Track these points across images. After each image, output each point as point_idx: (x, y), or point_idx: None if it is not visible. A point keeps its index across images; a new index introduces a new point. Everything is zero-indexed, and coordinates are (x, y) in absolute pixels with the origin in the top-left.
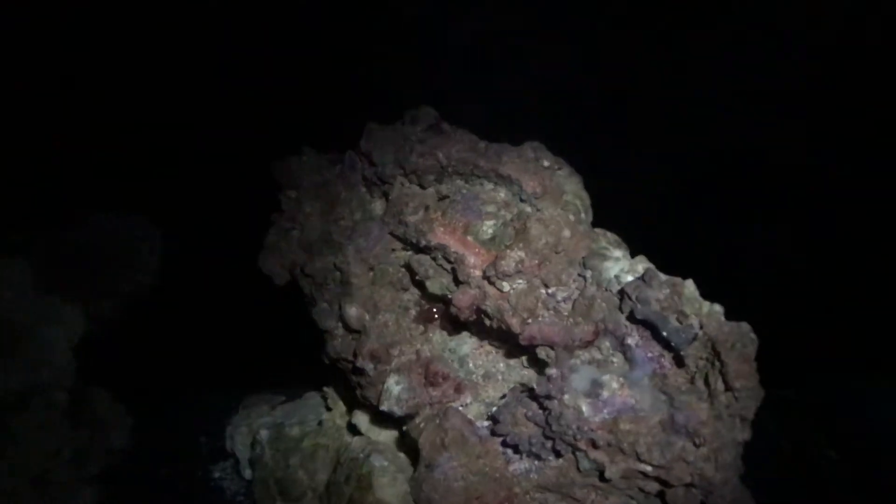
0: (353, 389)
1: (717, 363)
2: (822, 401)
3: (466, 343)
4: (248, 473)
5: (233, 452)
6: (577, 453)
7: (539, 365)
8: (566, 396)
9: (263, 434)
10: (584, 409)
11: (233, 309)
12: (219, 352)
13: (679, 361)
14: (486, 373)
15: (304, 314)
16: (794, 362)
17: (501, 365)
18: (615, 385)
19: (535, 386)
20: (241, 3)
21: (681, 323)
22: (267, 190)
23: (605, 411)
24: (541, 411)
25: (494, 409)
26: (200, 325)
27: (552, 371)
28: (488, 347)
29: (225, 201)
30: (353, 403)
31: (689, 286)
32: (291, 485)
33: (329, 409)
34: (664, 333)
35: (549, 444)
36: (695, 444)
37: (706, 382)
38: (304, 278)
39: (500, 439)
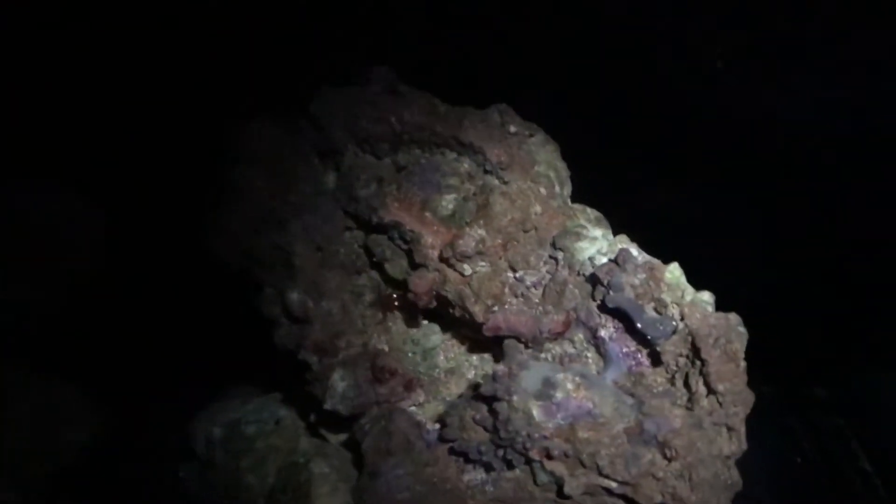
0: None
1: (697, 361)
2: (858, 402)
3: (435, 334)
4: (206, 475)
5: (197, 452)
6: (533, 464)
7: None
8: (515, 398)
9: (217, 432)
10: (535, 412)
11: (202, 291)
12: (197, 340)
13: (656, 358)
14: (453, 368)
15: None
16: (827, 357)
17: (474, 358)
18: (569, 385)
19: (481, 387)
20: None
21: (658, 313)
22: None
23: (560, 416)
24: (489, 415)
25: (444, 410)
26: (167, 312)
27: (499, 368)
28: (460, 339)
29: (171, 173)
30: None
31: (673, 270)
32: (241, 490)
33: (294, 406)
34: (638, 325)
35: (500, 452)
36: (666, 457)
37: (686, 384)
38: (251, 262)
39: (449, 446)
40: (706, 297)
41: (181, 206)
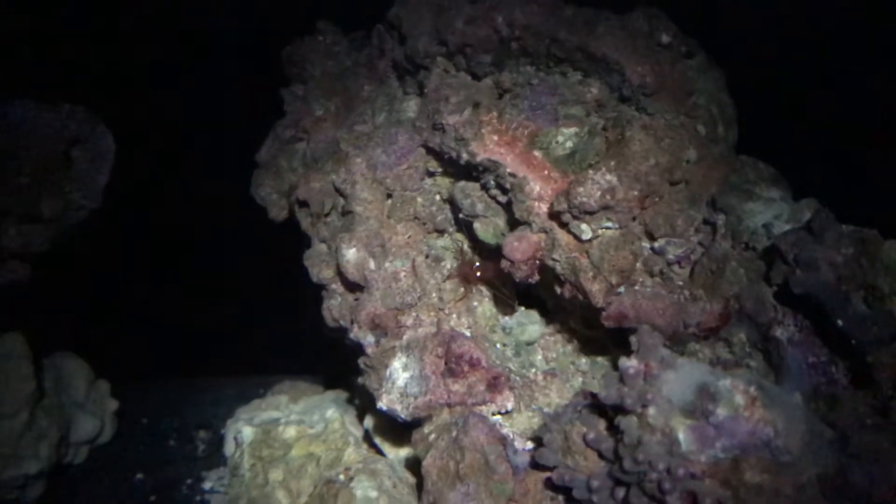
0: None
1: None
2: None
3: (536, 323)
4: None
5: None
6: None
7: None
8: (651, 411)
9: (246, 433)
10: (682, 436)
11: (231, 250)
12: (240, 315)
13: (861, 375)
14: (553, 369)
15: None
16: None
17: (584, 360)
18: (739, 398)
19: (600, 390)
20: None
21: (870, 307)
22: (270, 85)
23: (720, 445)
24: (609, 435)
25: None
26: (200, 275)
27: (630, 364)
28: (568, 334)
29: (208, 97)
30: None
31: (892, 248)
32: None
33: (356, 404)
34: (839, 323)
35: (619, 492)
36: None
37: None
38: (299, 208)
39: (547, 476)
40: None
41: (215, 133)
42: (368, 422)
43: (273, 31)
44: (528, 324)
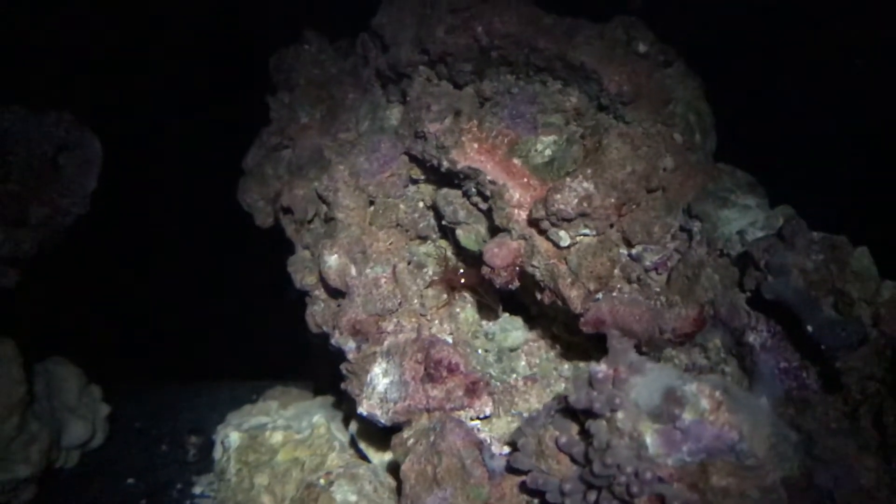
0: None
1: None
2: None
3: (518, 329)
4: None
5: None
6: None
7: None
8: (620, 415)
9: (233, 438)
10: (650, 440)
11: (220, 255)
12: (233, 320)
13: (831, 380)
14: (536, 376)
15: None
16: None
17: (567, 366)
18: (705, 403)
19: (569, 394)
20: None
21: (840, 312)
22: (256, 93)
23: (686, 448)
24: (580, 438)
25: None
26: (195, 281)
27: (599, 369)
28: (551, 340)
29: (195, 103)
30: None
31: (862, 255)
32: None
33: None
34: (808, 328)
35: (591, 496)
36: None
37: (877, 421)
38: (283, 215)
39: (522, 479)
40: None
41: (202, 140)
42: (353, 427)
43: (261, 37)
44: (512, 330)
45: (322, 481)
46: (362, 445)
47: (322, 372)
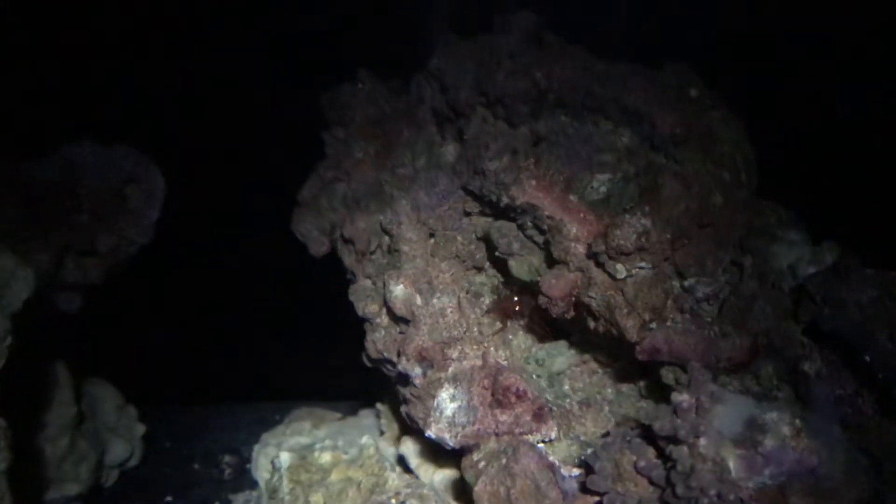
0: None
1: None
2: None
3: (563, 355)
4: None
5: (258, 481)
6: None
7: (664, 393)
8: (703, 441)
9: (284, 458)
10: (732, 464)
11: (266, 284)
12: (256, 342)
13: (889, 408)
14: (586, 399)
15: None
16: None
17: (610, 391)
18: (786, 430)
19: (653, 421)
20: None
21: (894, 344)
22: (311, 129)
23: (768, 472)
24: (660, 462)
25: (590, 451)
26: (222, 305)
27: (682, 398)
28: (594, 364)
29: (253, 139)
30: (406, 426)
31: None
32: None
33: (382, 432)
34: (866, 358)
35: None
36: None
37: None
38: (343, 245)
39: (596, 500)
40: None
41: (260, 174)
42: (405, 448)
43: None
44: (558, 355)
45: (393, 501)
46: (414, 466)
47: (346, 394)
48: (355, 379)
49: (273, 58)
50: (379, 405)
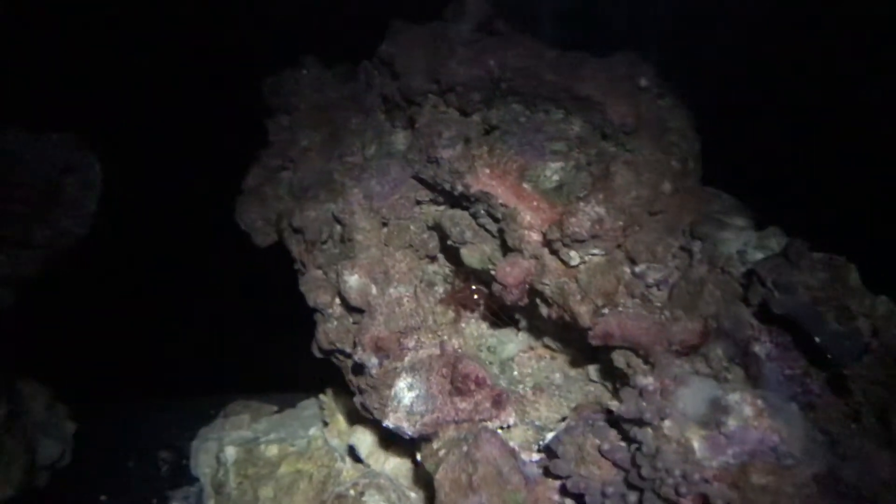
0: (353, 396)
1: None
2: None
3: (512, 342)
4: None
5: (198, 476)
6: None
7: (615, 378)
8: (668, 423)
9: (229, 453)
10: (697, 445)
11: (204, 276)
12: (192, 337)
13: (838, 386)
14: (538, 384)
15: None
16: None
17: (558, 376)
18: (748, 411)
19: (617, 405)
20: None
21: (842, 325)
22: (252, 116)
23: (731, 452)
24: (624, 445)
25: (550, 436)
26: (160, 297)
27: (647, 381)
28: (542, 351)
29: (192, 127)
30: (354, 415)
31: (855, 272)
32: None
33: (326, 423)
34: (817, 339)
35: (633, 497)
36: None
37: (882, 421)
38: (292, 235)
39: (559, 483)
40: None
41: (200, 163)
42: (355, 439)
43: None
44: (508, 342)
45: (352, 492)
46: (376, 460)
47: (279, 386)
48: (294, 371)
49: (213, 41)
50: (322, 397)
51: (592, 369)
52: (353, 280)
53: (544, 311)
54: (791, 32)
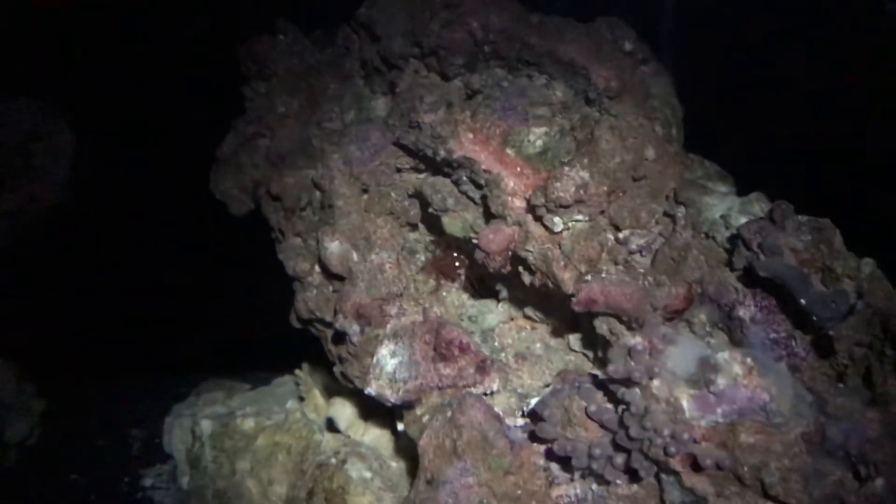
0: (332, 366)
1: (889, 352)
2: None
3: (492, 312)
4: (185, 482)
5: (171, 453)
6: (665, 477)
7: (597, 347)
8: (656, 383)
9: (205, 426)
10: (686, 404)
11: (176, 249)
12: (163, 311)
13: (823, 347)
14: (519, 353)
15: (275, 258)
16: None
17: (538, 346)
18: (738, 369)
19: (605, 368)
20: None
21: (827, 287)
22: (228, 83)
23: (720, 410)
24: (611, 406)
25: (534, 401)
26: (132, 272)
27: (636, 341)
28: (522, 321)
29: (166, 94)
30: (332, 389)
31: (839, 235)
32: (236, 499)
33: (302, 398)
34: (802, 302)
35: (620, 458)
36: (859, 477)
37: (867, 381)
38: (269, 203)
39: (544, 447)
40: (878, 271)
41: (175, 130)
42: (334, 410)
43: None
44: (488, 312)
45: (333, 460)
46: (355, 431)
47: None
48: (267, 348)
49: (189, 6)
50: (298, 372)
51: (573, 339)
52: (333, 246)
53: (527, 278)
54: None
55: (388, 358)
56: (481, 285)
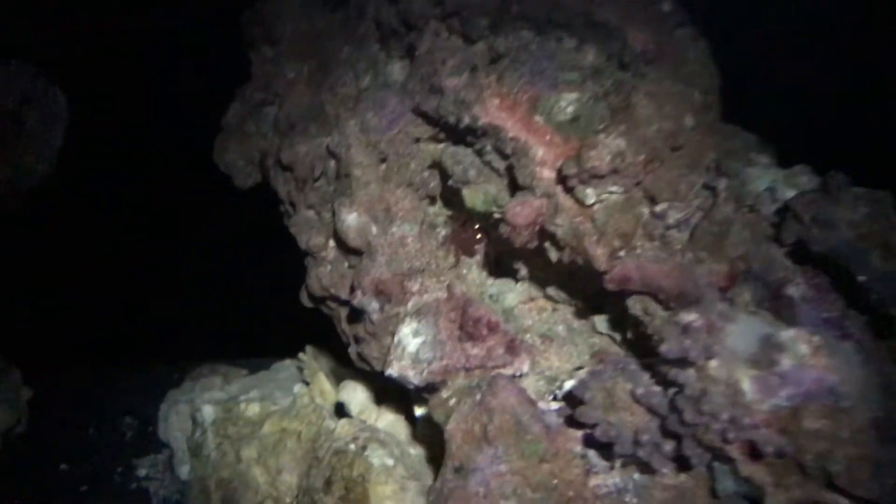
0: (346, 348)
1: None
2: None
3: (512, 291)
4: (185, 471)
5: (167, 441)
6: (718, 465)
7: (626, 328)
8: (714, 363)
9: (207, 412)
10: (747, 387)
11: (174, 224)
12: (154, 294)
13: (880, 328)
14: (543, 335)
15: (281, 234)
16: None
17: (561, 328)
18: (804, 349)
19: (662, 346)
20: None
21: (887, 263)
22: (232, 47)
23: (784, 393)
24: (659, 389)
25: (570, 383)
26: (126, 248)
27: (692, 318)
28: (543, 302)
29: (168, 58)
30: (341, 373)
31: None
32: (242, 489)
33: (307, 382)
34: (860, 279)
35: (668, 446)
36: None
37: None
38: (279, 173)
39: (581, 433)
40: None
41: (175, 95)
42: (345, 395)
43: None
44: (508, 291)
45: (352, 446)
46: (368, 415)
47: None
48: (265, 333)
49: None
50: (301, 356)
51: (599, 320)
52: (351, 219)
53: (553, 255)
54: None
55: (410, 337)
56: (497, 264)
